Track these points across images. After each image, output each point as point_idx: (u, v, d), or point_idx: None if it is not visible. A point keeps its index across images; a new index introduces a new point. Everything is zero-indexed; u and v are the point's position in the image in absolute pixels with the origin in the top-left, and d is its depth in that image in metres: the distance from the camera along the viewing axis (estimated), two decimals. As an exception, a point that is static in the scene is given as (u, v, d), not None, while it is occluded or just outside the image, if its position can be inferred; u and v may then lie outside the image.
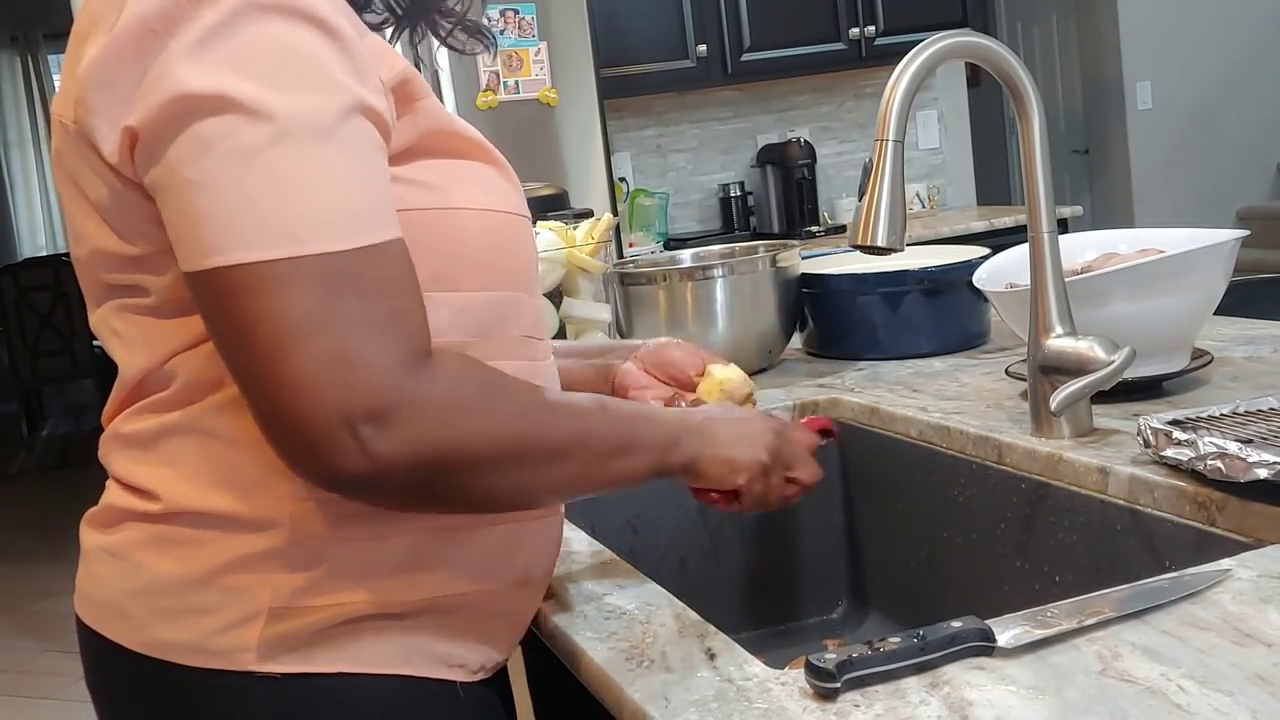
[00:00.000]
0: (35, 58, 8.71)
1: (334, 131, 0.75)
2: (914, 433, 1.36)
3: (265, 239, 0.73)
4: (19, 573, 4.74)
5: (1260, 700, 0.66)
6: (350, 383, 0.72)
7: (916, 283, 1.64)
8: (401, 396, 0.74)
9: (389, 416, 0.73)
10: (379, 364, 0.73)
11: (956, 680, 0.73)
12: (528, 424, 0.81)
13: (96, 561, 0.90)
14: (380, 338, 0.74)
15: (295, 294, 0.72)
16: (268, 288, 0.72)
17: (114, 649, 0.87)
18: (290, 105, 0.74)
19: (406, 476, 0.76)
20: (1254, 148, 6.54)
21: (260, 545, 0.83)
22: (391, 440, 0.74)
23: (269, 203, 0.73)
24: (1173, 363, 1.28)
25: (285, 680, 0.83)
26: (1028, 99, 1.15)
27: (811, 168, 4.46)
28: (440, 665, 0.88)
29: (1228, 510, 0.98)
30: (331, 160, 0.75)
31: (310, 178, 0.74)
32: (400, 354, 0.75)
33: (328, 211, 0.74)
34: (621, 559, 1.06)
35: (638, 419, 0.92)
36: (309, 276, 0.73)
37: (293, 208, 0.73)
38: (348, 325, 0.73)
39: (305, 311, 0.72)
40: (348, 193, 0.75)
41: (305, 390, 0.72)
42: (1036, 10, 6.96)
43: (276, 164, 0.73)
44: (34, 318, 6.88)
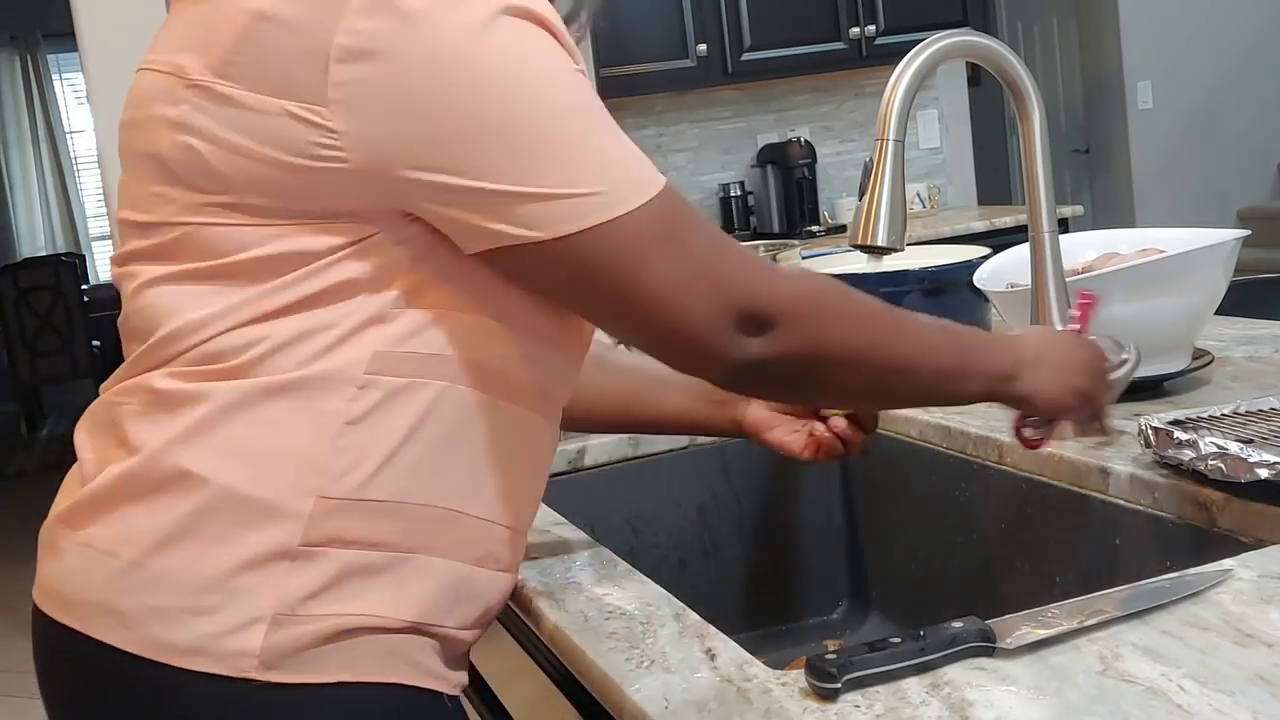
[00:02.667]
0: (35, 58, 8.70)
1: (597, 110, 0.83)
2: (914, 433, 1.36)
3: (609, 198, 0.80)
4: (18, 573, 4.73)
5: (1261, 700, 0.66)
6: (735, 304, 0.82)
7: (917, 283, 1.64)
8: (774, 298, 0.84)
9: (770, 317, 0.83)
10: (750, 277, 0.84)
11: (957, 681, 0.73)
12: (878, 326, 0.91)
13: (77, 557, 0.86)
14: (734, 254, 0.84)
15: (656, 245, 0.81)
16: (628, 249, 0.81)
17: (95, 648, 0.83)
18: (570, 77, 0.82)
19: (789, 368, 0.86)
20: (1255, 147, 6.54)
21: (271, 542, 0.81)
22: (774, 336, 0.84)
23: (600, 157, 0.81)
24: (1174, 363, 1.28)
25: (283, 689, 0.81)
26: (1028, 98, 1.15)
27: (812, 167, 4.46)
28: (430, 677, 0.88)
29: (1228, 510, 0.98)
30: (601, 123, 0.83)
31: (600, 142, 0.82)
32: (757, 263, 0.85)
33: (630, 160, 0.83)
34: (621, 559, 1.06)
35: (976, 345, 0.98)
36: (654, 223, 0.81)
37: (609, 161, 0.82)
38: (710, 256, 0.83)
39: (676, 259, 0.81)
40: (624, 146, 0.83)
41: (704, 327, 0.82)
42: (1037, 10, 6.96)
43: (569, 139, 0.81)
44: (33, 318, 6.87)
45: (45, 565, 0.90)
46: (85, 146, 8.84)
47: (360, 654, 0.84)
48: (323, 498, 0.82)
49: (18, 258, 8.17)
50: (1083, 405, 1.03)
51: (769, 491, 1.49)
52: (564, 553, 1.08)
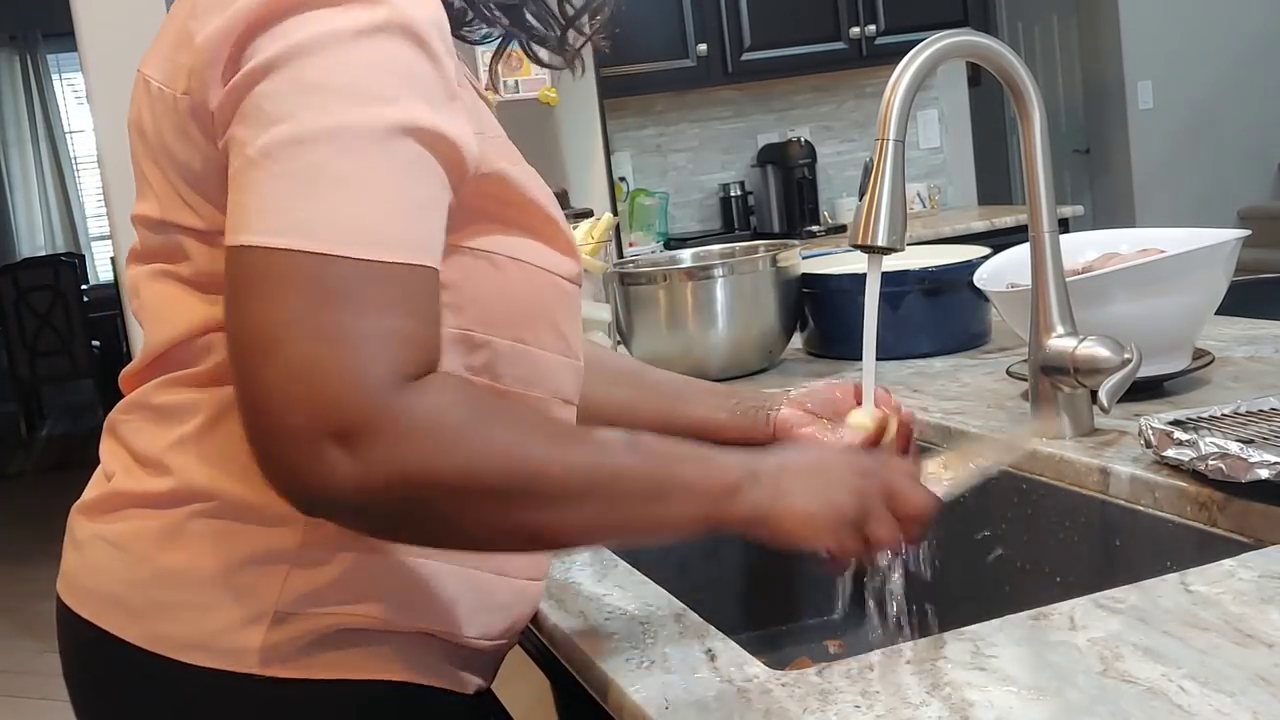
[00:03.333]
0: (35, 58, 8.71)
1: (390, 143, 0.73)
2: (914, 433, 1.36)
3: (283, 227, 0.71)
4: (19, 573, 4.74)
5: (1261, 701, 0.66)
6: (318, 395, 0.68)
7: (917, 283, 1.64)
8: (375, 416, 0.68)
9: (359, 436, 0.68)
10: (353, 379, 0.68)
11: (957, 681, 0.73)
12: (531, 457, 0.74)
13: (94, 550, 0.88)
14: (361, 353, 0.69)
15: (289, 291, 0.70)
16: (267, 277, 0.70)
17: (107, 639, 0.85)
18: (361, 105, 0.73)
19: (380, 504, 0.70)
20: (1255, 147, 6.54)
21: (271, 543, 0.82)
22: (362, 462, 0.68)
23: (303, 192, 0.71)
24: (1174, 363, 1.28)
25: (284, 684, 0.82)
26: (1028, 98, 1.15)
27: (812, 167, 4.46)
28: (436, 675, 0.88)
29: (1229, 511, 0.98)
30: (380, 169, 0.73)
31: (352, 179, 0.72)
32: (382, 372, 0.69)
33: (356, 216, 0.72)
34: (621, 559, 1.06)
35: (682, 460, 0.81)
36: (305, 276, 0.70)
37: (322, 204, 0.71)
38: (331, 334, 0.69)
39: (292, 312, 0.69)
40: (383, 204, 0.73)
41: (274, 398, 0.68)
42: (1037, 10, 6.96)
43: (323, 157, 0.72)
44: (33, 318, 6.87)
45: (66, 556, 0.92)
46: (85, 146, 8.84)
47: (362, 651, 0.84)
48: None
49: (18, 258, 8.18)
50: (845, 534, 0.84)
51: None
52: (564, 553, 1.08)
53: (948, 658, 0.76)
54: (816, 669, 0.76)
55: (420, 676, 0.87)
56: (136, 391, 0.90)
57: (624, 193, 4.37)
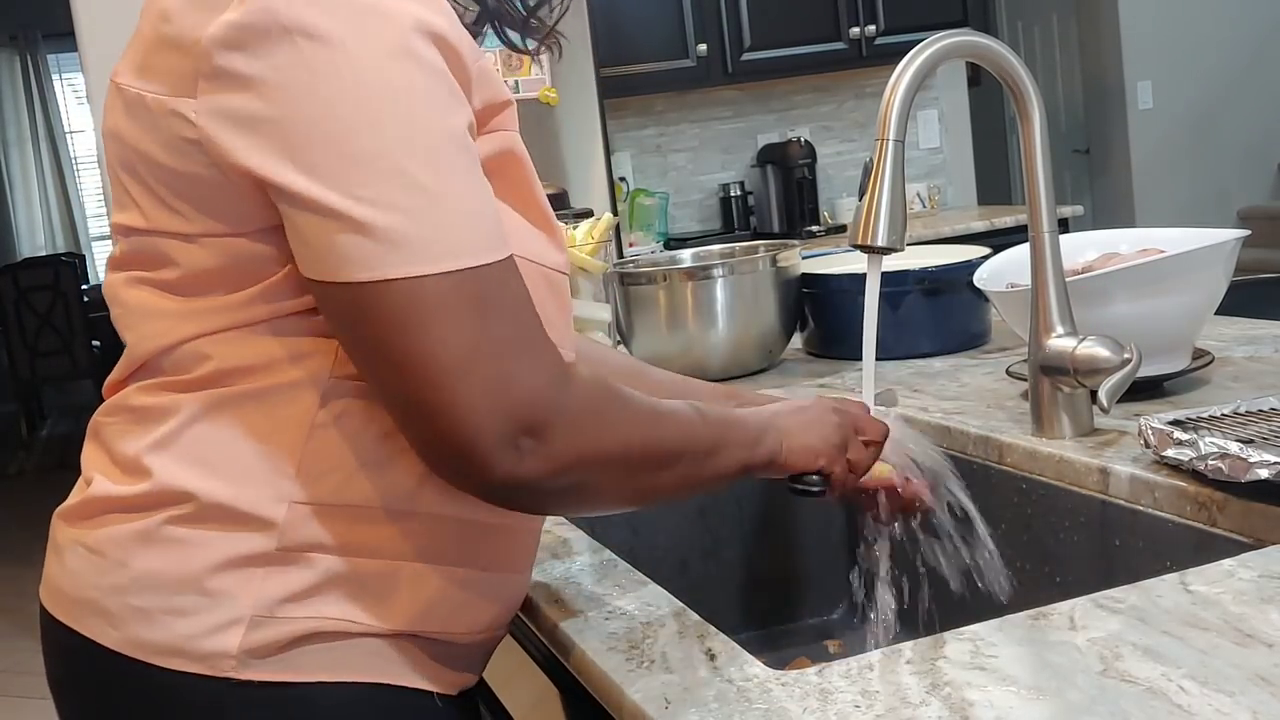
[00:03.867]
0: (35, 58, 8.71)
1: (460, 145, 0.77)
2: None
3: (422, 255, 0.74)
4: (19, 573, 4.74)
5: (1261, 701, 0.66)
6: (512, 403, 0.76)
7: (917, 283, 1.64)
8: (554, 410, 0.78)
9: (545, 429, 0.77)
10: (536, 382, 0.77)
11: (957, 680, 0.73)
12: (651, 430, 0.87)
13: (73, 556, 0.88)
14: (530, 353, 0.78)
15: (455, 313, 0.74)
16: (425, 306, 0.74)
17: (87, 645, 0.85)
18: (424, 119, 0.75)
19: (559, 482, 0.80)
20: (1255, 147, 6.54)
21: (248, 546, 0.82)
22: (549, 450, 0.78)
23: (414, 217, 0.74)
24: (1174, 363, 1.28)
25: (263, 688, 0.82)
26: (1028, 98, 1.15)
27: (812, 167, 4.46)
28: (418, 677, 0.88)
29: (1229, 510, 0.98)
30: (461, 172, 0.77)
31: (448, 189, 0.75)
32: (549, 369, 0.78)
33: (469, 224, 0.76)
34: (621, 560, 1.06)
35: (728, 422, 0.96)
36: (465, 295, 0.75)
37: (440, 221, 0.75)
38: (503, 346, 0.76)
39: (466, 338, 0.74)
40: (471, 205, 0.77)
41: (472, 415, 0.75)
42: (1037, 10, 6.96)
43: (416, 177, 0.74)
44: (33, 318, 6.88)
45: (48, 562, 0.92)
46: (85, 146, 8.85)
47: (341, 654, 0.84)
48: (296, 503, 0.82)
49: (18, 258, 8.18)
50: (835, 459, 1.03)
51: (769, 492, 1.49)
52: (564, 553, 1.08)
53: (948, 658, 0.76)
54: (816, 669, 0.76)
55: (400, 678, 0.86)
56: (118, 394, 0.90)
57: (624, 193, 4.37)
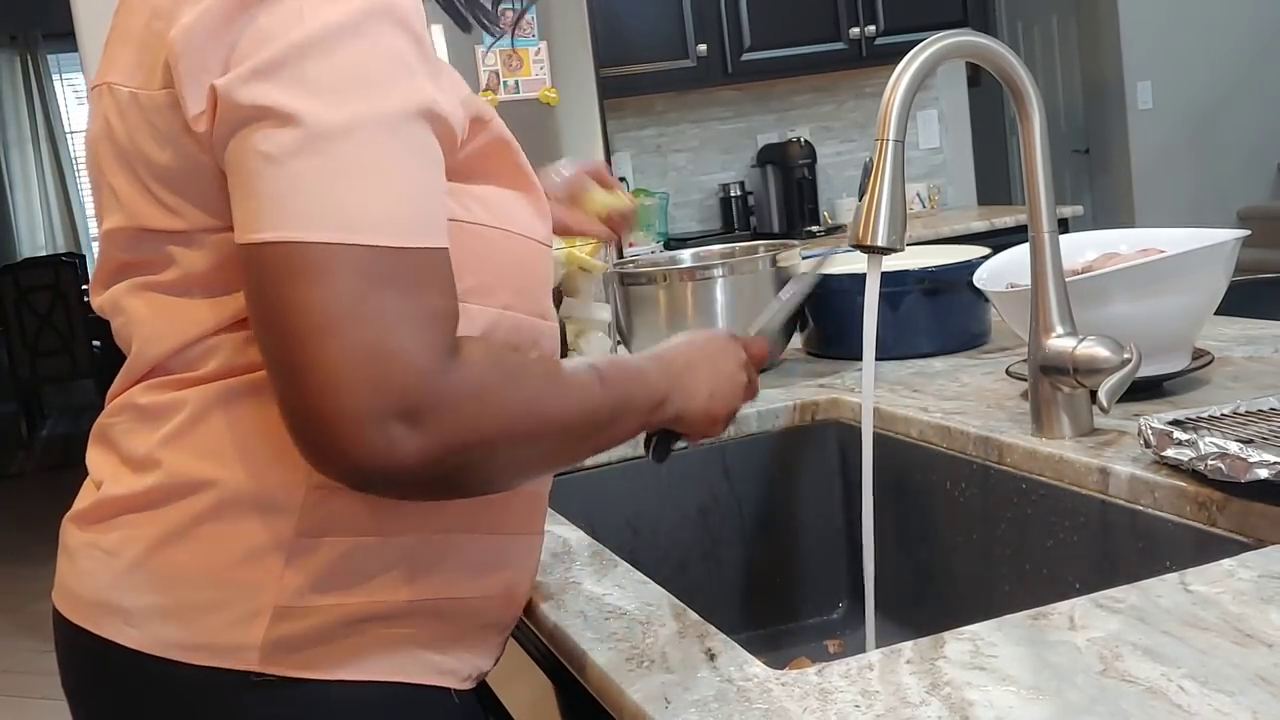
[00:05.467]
0: (35, 58, 8.70)
1: (401, 130, 0.76)
2: (914, 433, 1.36)
3: (319, 221, 0.73)
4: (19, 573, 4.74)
5: (1261, 700, 0.66)
6: (383, 379, 0.72)
7: (917, 283, 1.64)
8: (433, 394, 0.74)
9: (421, 414, 0.73)
10: (413, 360, 0.73)
11: (957, 680, 0.73)
12: (543, 406, 0.82)
13: (86, 559, 0.88)
14: (415, 333, 0.74)
15: (338, 282, 0.72)
16: (311, 270, 0.72)
17: (105, 646, 0.85)
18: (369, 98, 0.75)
19: (431, 471, 0.75)
20: (1255, 147, 6.54)
21: (266, 535, 0.82)
22: (421, 437, 0.73)
23: (331, 186, 0.74)
24: (1173, 363, 1.28)
25: (284, 685, 0.83)
26: (1028, 99, 1.15)
27: (812, 167, 4.46)
28: (435, 673, 0.88)
29: (1228, 510, 0.98)
30: (397, 157, 0.76)
31: (374, 170, 0.75)
32: (433, 350, 0.75)
33: (385, 206, 0.75)
34: (621, 559, 1.06)
35: (631, 383, 0.93)
36: (355, 266, 0.73)
37: (353, 196, 0.74)
38: (386, 319, 0.73)
39: (346, 301, 0.72)
40: (406, 191, 0.76)
41: (337, 383, 0.71)
42: (1036, 10, 6.96)
43: (344, 151, 0.74)
44: (34, 318, 6.88)
45: (60, 565, 0.92)
46: (85, 146, 8.84)
47: (363, 650, 0.85)
48: (314, 487, 0.83)
49: (18, 258, 8.18)
50: (728, 416, 1.04)
51: (769, 492, 1.49)
52: (564, 553, 1.08)
53: (948, 658, 0.76)
54: (816, 669, 0.76)
55: (419, 676, 0.87)
56: (122, 396, 0.90)
57: (624, 193, 4.37)
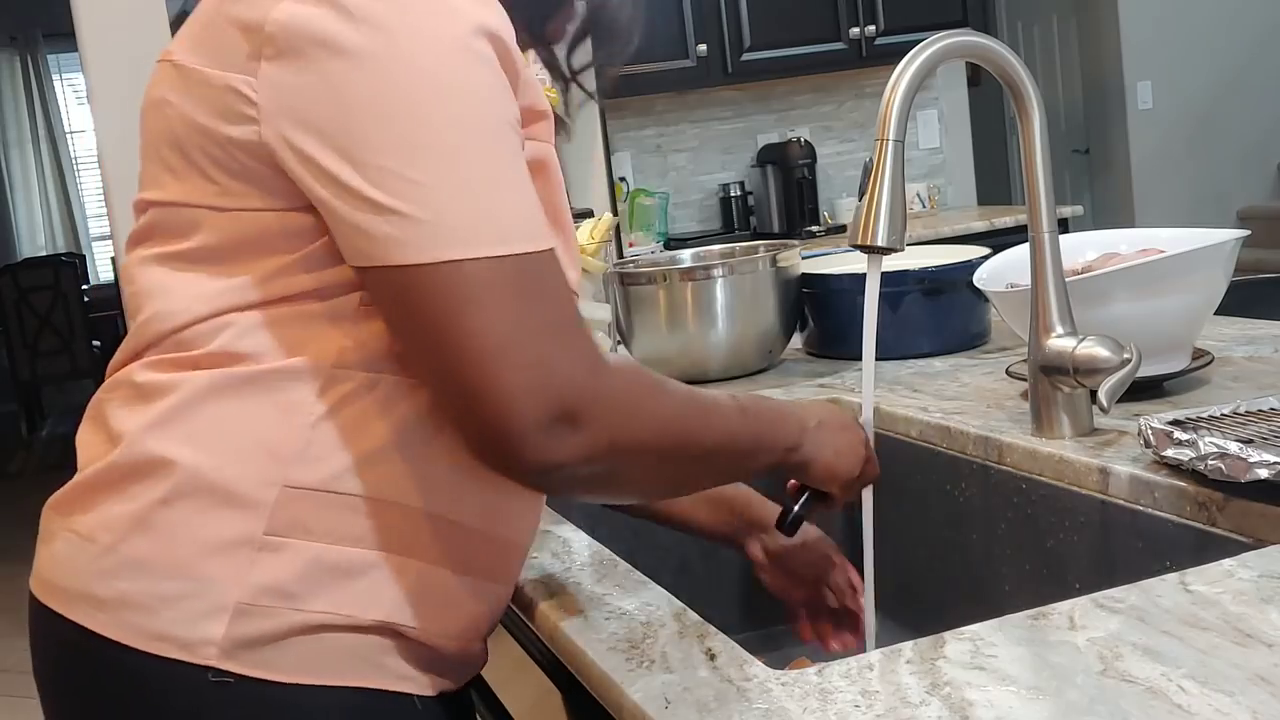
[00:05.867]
0: (35, 58, 8.70)
1: (504, 140, 0.79)
2: (914, 433, 1.36)
3: (467, 238, 0.76)
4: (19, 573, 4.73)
5: (1261, 700, 0.66)
6: (551, 388, 0.77)
7: (917, 283, 1.64)
8: (591, 396, 0.79)
9: (581, 414, 0.79)
10: (574, 368, 0.78)
11: (957, 680, 0.73)
12: (688, 422, 0.88)
13: (63, 543, 0.88)
14: (573, 338, 0.79)
15: (501, 296, 0.76)
16: (472, 287, 0.76)
17: (75, 631, 0.85)
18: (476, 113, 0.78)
19: (592, 468, 0.81)
20: (1254, 147, 6.54)
21: (235, 529, 0.82)
22: (583, 435, 0.79)
23: (464, 201, 0.77)
24: (1173, 363, 1.28)
25: (241, 684, 0.82)
26: (1028, 99, 1.15)
27: (812, 167, 4.46)
28: (395, 679, 0.87)
29: (1228, 510, 0.98)
30: (506, 164, 0.79)
31: (496, 179, 0.78)
32: (587, 355, 0.80)
33: (515, 213, 0.79)
34: (621, 560, 1.06)
35: (771, 420, 0.99)
36: (510, 279, 0.77)
37: (487, 207, 0.77)
38: (544, 332, 0.78)
39: (508, 322, 0.76)
40: (519, 194, 0.80)
41: (511, 400, 0.76)
42: (1036, 10, 6.96)
43: (465, 164, 0.77)
44: (34, 318, 6.88)
45: (39, 551, 0.92)
46: (85, 146, 8.84)
47: (321, 654, 0.84)
48: (288, 487, 0.83)
49: (18, 258, 8.17)
50: (846, 488, 1.08)
51: (769, 492, 1.49)
52: (564, 553, 1.08)
53: (948, 657, 0.76)
54: (816, 669, 0.76)
55: (379, 681, 0.86)
56: (122, 370, 0.90)
57: (624, 193, 4.37)
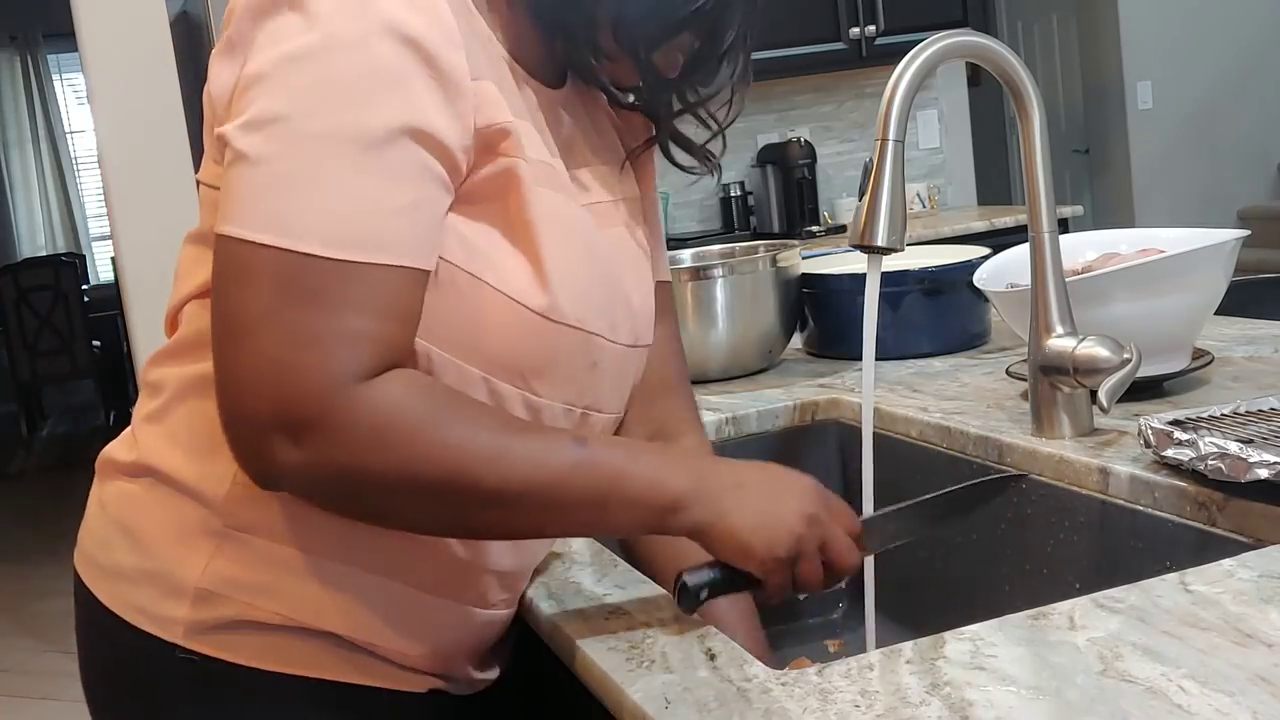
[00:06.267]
0: (35, 58, 8.70)
1: (376, 144, 0.75)
2: (914, 433, 1.36)
3: (260, 222, 0.74)
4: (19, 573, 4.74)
5: (1261, 700, 0.66)
6: (276, 390, 0.73)
7: (917, 283, 1.64)
8: (322, 413, 0.73)
9: (304, 430, 0.73)
10: (309, 378, 0.73)
11: (957, 680, 0.73)
12: (468, 462, 0.76)
13: (90, 510, 0.95)
14: (321, 352, 0.73)
15: (260, 284, 0.74)
16: (240, 269, 0.75)
17: (86, 594, 0.92)
18: (348, 110, 0.75)
19: (322, 490, 0.78)
20: (1254, 147, 6.54)
21: (198, 519, 0.86)
22: (302, 452, 0.74)
23: (282, 191, 0.75)
24: (1173, 363, 1.28)
25: (206, 663, 0.86)
26: (1028, 98, 1.15)
27: (812, 167, 4.46)
28: (362, 675, 0.88)
29: (1228, 510, 0.98)
30: (360, 169, 0.75)
31: (330, 179, 0.74)
32: (338, 372, 0.73)
33: (328, 216, 0.74)
34: (621, 559, 1.06)
35: (627, 474, 0.82)
36: (278, 272, 0.73)
37: (297, 202, 0.74)
38: (293, 332, 0.73)
39: (261, 305, 0.73)
40: (360, 203, 0.75)
41: (238, 386, 0.74)
42: (1036, 10, 6.96)
43: (306, 158, 0.75)
44: (33, 318, 6.87)
45: None
46: (85, 146, 8.83)
47: (278, 646, 0.86)
48: (237, 484, 0.85)
49: (18, 258, 8.17)
50: (772, 570, 0.84)
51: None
52: (564, 553, 1.08)
53: (948, 657, 0.76)
54: (816, 669, 0.76)
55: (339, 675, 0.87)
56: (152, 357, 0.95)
57: (624, 193, 4.37)
